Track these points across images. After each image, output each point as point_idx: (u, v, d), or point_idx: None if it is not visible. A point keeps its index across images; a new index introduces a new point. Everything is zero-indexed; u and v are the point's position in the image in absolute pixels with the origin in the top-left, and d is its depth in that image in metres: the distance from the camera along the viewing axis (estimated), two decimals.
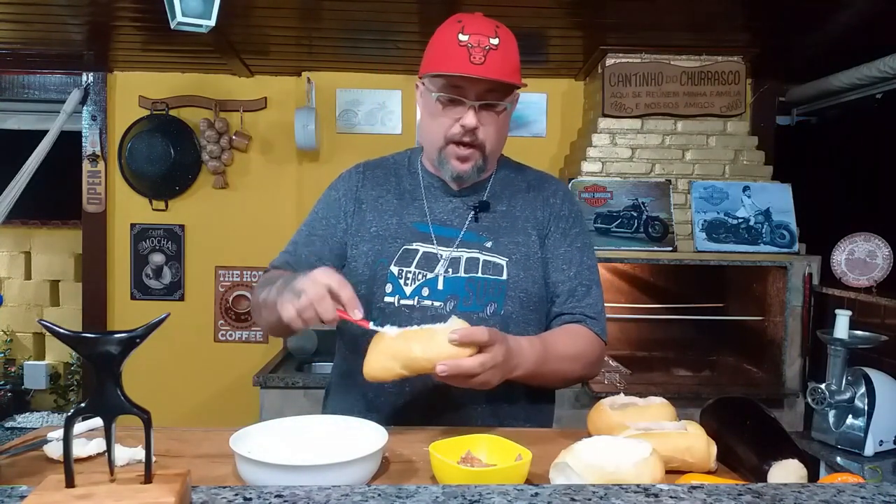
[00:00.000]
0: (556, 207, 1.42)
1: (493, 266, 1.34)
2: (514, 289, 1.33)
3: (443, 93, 1.29)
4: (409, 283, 1.32)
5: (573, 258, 1.39)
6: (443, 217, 1.38)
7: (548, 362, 1.26)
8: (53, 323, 0.70)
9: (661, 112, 3.05)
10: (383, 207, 1.40)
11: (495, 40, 1.25)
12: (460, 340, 1.07)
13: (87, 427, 1.12)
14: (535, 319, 1.37)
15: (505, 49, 1.27)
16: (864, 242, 2.78)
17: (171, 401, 3.40)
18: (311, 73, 3.41)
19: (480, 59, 1.24)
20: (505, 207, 1.40)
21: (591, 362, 1.37)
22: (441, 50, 1.28)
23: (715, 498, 0.72)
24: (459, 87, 1.27)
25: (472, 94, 1.27)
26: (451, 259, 1.33)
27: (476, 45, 1.24)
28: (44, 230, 4.47)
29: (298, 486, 0.73)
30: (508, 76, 1.27)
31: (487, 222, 1.38)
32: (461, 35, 1.25)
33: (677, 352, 3.38)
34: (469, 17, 1.30)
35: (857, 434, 2.28)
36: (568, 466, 0.87)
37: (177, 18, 1.91)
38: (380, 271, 1.33)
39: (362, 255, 1.36)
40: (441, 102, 1.30)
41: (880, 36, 2.72)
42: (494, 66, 1.24)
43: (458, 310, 1.30)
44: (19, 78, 3.52)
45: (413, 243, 1.35)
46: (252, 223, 3.53)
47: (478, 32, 1.26)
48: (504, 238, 1.36)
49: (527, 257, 1.36)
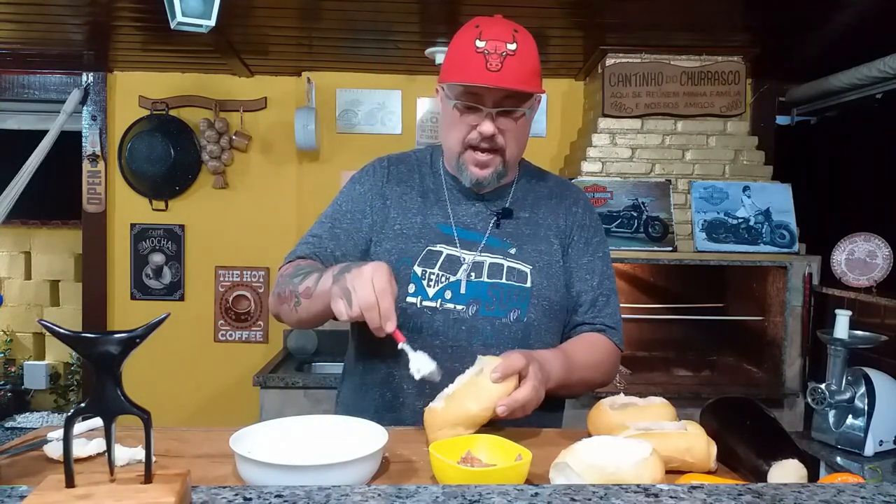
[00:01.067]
0: (579, 217, 1.43)
1: (517, 273, 1.34)
2: (537, 296, 1.34)
3: (460, 100, 1.28)
4: (432, 284, 1.32)
5: (596, 268, 1.41)
6: (466, 220, 1.38)
7: (573, 371, 1.27)
8: (53, 323, 0.70)
9: (661, 112, 3.05)
10: (408, 205, 1.39)
11: (512, 45, 1.24)
12: (503, 375, 1.07)
13: (87, 427, 1.12)
14: (555, 327, 1.38)
15: (523, 54, 1.25)
16: (864, 242, 2.78)
17: (171, 401, 3.41)
18: (311, 73, 3.41)
19: (497, 65, 1.23)
20: (528, 214, 1.40)
21: (609, 371, 1.41)
22: (458, 57, 1.27)
23: (715, 498, 0.72)
24: (476, 94, 1.27)
25: (489, 101, 1.27)
26: (475, 263, 1.33)
27: (493, 52, 1.23)
28: (44, 230, 4.47)
29: (298, 486, 0.73)
30: (525, 83, 1.26)
31: (511, 229, 1.38)
32: (478, 41, 1.24)
33: (677, 352, 3.38)
34: (487, 22, 1.28)
35: (857, 434, 2.28)
36: (568, 466, 0.87)
37: (177, 18, 1.91)
38: (403, 270, 1.32)
39: (385, 253, 1.35)
40: (458, 109, 1.29)
41: (880, 36, 2.72)
42: (511, 73, 1.23)
43: (480, 314, 1.30)
44: (19, 78, 3.52)
45: (437, 245, 1.34)
46: (252, 223, 3.53)
47: (495, 38, 1.24)
48: (528, 245, 1.37)
49: (549, 265, 1.37)
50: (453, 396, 1.08)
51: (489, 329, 1.31)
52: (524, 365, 1.10)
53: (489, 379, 1.07)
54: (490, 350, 1.29)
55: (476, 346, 1.30)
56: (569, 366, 1.26)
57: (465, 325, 1.30)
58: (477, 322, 1.30)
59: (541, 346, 1.33)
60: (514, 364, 1.09)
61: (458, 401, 1.07)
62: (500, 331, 1.31)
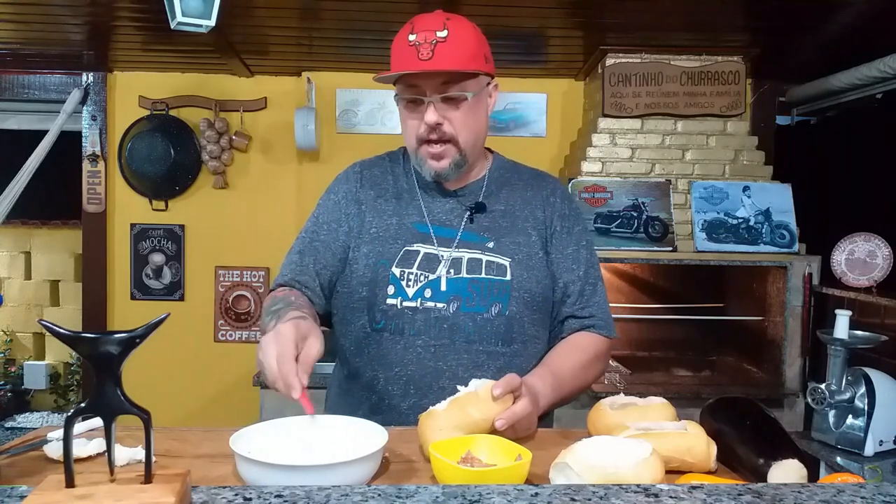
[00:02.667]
0: (557, 207, 1.42)
1: (496, 266, 1.33)
2: (517, 289, 1.33)
3: (403, 95, 1.30)
4: (411, 284, 1.31)
5: (581, 257, 1.40)
6: (441, 217, 1.38)
7: (563, 388, 1.29)
8: (53, 323, 0.70)
9: (661, 112, 3.05)
10: (382, 208, 1.39)
11: (443, 33, 1.25)
12: (504, 391, 1.08)
13: (87, 427, 1.12)
14: (538, 319, 1.37)
15: (456, 39, 1.26)
16: (864, 242, 2.78)
17: (171, 401, 3.40)
18: (311, 73, 3.41)
19: (428, 54, 1.24)
20: (503, 207, 1.40)
21: (600, 368, 1.42)
22: (394, 53, 1.31)
23: (715, 498, 0.72)
24: (415, 85, 1.28)
25: (428, 90, 1.28)
26: (453, 259, 1.33)
27: (423, 42, 1.25)
28: (44, 230, 4.47)
29: (298, 486, 0.73)
30: (459, 65, 1.26)
31: (487, 222, 1.37)
32: (410, 35, 1.27)
33: (677, 352, 3.38)
34: (421, 17, 1.30)
35: (857, 434, 2.28)
36: (568, 466, 0.87)
37: (177, 18, 1.91)
38: (381, 273, 1.32)
39: (363, 257, 1.35)
40: (405, 106, 1.31)
41: (880, 36, 2.72)
42: (442, 58, 1.24)
43: (461, 311, 1.30)
44: (19, 78, 3.52)
45: (414, 244, 1.34)
46: (252, 223, 3.53)
47: (425, 29, 1.27)
48: (505, 238, 1.36)
49: (529, 257, 1.36)
50: (456, 402, 1.08)
51: (471, 325, 1.30)
52: (520, 382, 1.11)
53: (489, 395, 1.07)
54: (473, 346, 1.30)
55: (459, 343, 1.30)
56: (558, 384, 1.27)
57: (446, 324, 1.30)
58: (458, 319, 1.30)
59: (524, 340, 1.34)
60: (513, 381, 1.10)
61: (461, 407, 1.07)
62: (482, 326, 1.30)
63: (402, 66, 1.27)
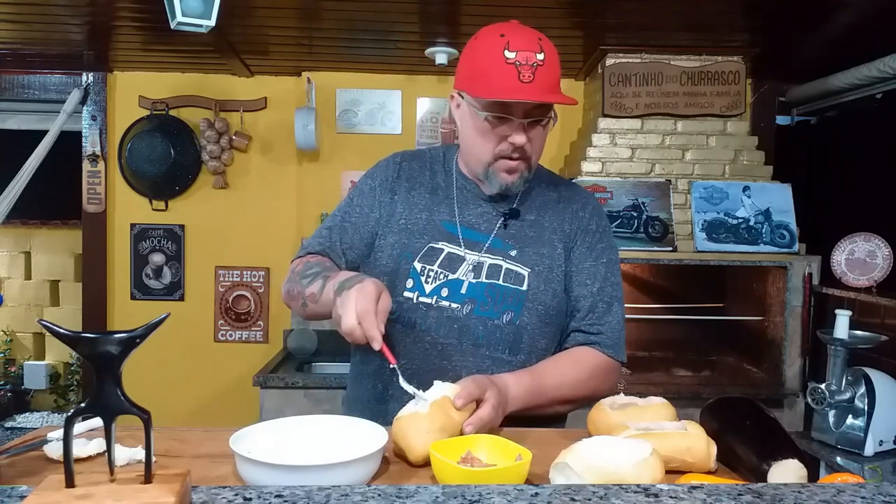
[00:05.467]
0: (585, 221, 1.41)
1: (514, 275, 1.34)
2: (532, 300, 1.33)
3: (491, 112, 1.27)
4: (429, 281, 1.32)
5: (597, 273, 1.39)
6: (471, 220, 1.38)
7: (543, 393, 1.28)
8: (53, 323, 0.70)
9: (661, 112, 3.05)
10: (415, 201, 1.40)
11: (541, 55, 1.23)
12: (465, 402, 1.10)
13: (87, 427, 1.12)
14: (550, 332, 1.37)
15: (551, 63, 1.25)
16: (864, 242, 2.78)
17: (171, 401, 3.41)
18: (311, 73, 3.41)
19: (529, 77, 1.22)
20: (534, 217, 1.40)
21: (598, 386, 1.36)
22: (487, 68, 1.25)
23: (715, 498, 0.72)
24: (507, 104, 1.26)
25: (519, 113, 1.27)
26: (476, 263, 1.34)
27: (524, 63, 1.22)
28: (44, 230, 4.47)
29: (298, 486, 0.73)
30: (557, 92, 1.27)
31: (514, 230, 1.38)
32: (507, 52, 1.23)
33: (677, 352, 3.38)
34: (512, 30, 1.26)
35: (857, 434, 2.28)
36: (568, 466, 0.87)
37: (177, 18, 1.91)
38: (403, 265, 1.34)
39: (388, 247, 1.37)
40: (489, 122, 1.28)
41: (880, 36, 2.72)
42: (543, 84, 1.23)
43: (473, 314, 1.31)
44: (19, 78, 3.52)
45: (439, 242, 1.35)
46: (252, 223, 3.53)
47: (524, 48, 1.23)
48: (529, 248, 1.36)
49: (549, 269, 1.36)
50: (436, 406, 1.07)
51: (481, 329, 1.31)
52: (481, 391, 1.13)
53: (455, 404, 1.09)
54: (480, 350, 1.30)
55: (466, 345, 1.31)
56: (536, 388, 1.26)
57: (457, 324, 1.31)
58: (470, 321, 1.31)
59: (532, 351, 1.34)
60: (473, 392, 1.11)
61: (443, 410, 1.07)
62: (491, 332, 1.31)
63: (502, 85, 1.23)
